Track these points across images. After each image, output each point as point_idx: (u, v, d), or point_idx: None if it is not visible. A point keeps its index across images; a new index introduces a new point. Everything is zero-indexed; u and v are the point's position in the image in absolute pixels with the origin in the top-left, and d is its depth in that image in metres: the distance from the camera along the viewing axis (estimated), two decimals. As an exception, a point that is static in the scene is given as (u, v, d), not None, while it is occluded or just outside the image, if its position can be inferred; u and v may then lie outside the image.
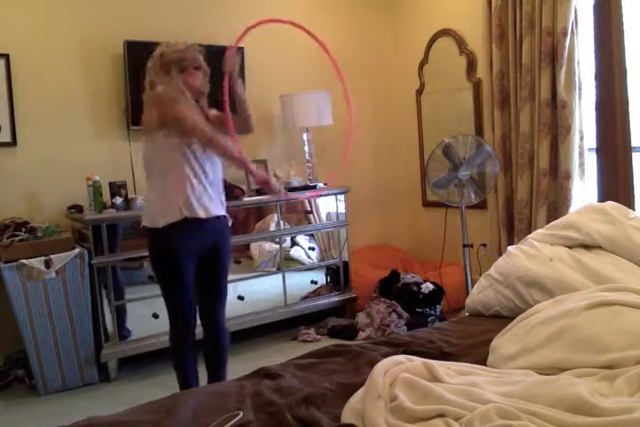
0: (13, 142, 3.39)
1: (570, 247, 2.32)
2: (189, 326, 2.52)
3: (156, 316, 3.29)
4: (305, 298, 3.93)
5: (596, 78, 3.54)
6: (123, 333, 3.28)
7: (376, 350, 1.98)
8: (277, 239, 3.87)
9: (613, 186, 3.55)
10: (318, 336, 3.71)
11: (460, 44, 4.27)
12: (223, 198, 2.54)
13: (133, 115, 3.53)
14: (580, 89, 3.53)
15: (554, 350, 1.63)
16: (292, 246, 4.00)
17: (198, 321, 2.59)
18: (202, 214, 2.39)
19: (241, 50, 2.89)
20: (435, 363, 1.56)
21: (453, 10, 4.30)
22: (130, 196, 3.36)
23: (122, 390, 3.11)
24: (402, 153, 4.84)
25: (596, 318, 1.66)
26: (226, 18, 4.02)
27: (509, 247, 2.49)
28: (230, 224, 2.61)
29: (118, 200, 3.28)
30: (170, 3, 3.84)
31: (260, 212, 3.88)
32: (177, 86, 2.39)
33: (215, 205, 2.46)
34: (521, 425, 1.25)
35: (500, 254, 2.71)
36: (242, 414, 1.48)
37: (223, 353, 2.61)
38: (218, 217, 2.49)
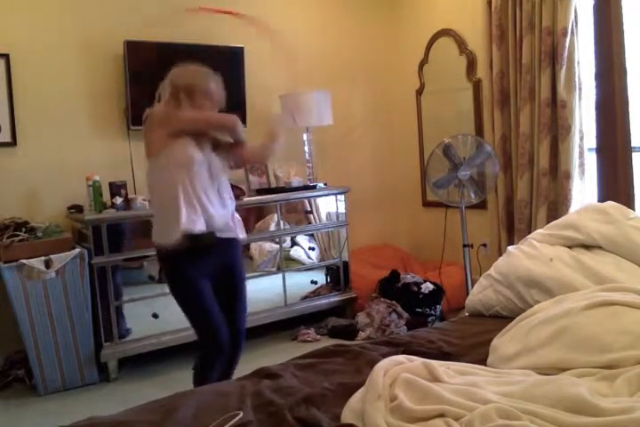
0: (13, 142, 3.39)
1: (570, 247, 2.32)
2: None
3: (155, 316, 3.29)
4: (305, 298, 3.93)
5: (595, 78, 3.53)
6: (121, 332, 3.27)
7: (376, 350, 1.98)
8: (277, 239, 3.87)
9: (613, 186, 3.54)
10: (318, 336, 3.71)
11: (460, 44, 4.27)
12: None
13: (133, 115, 3.53)
14: (580, 89, 3.53)
15: (554, 350, 1.63)
16: (291, 246, 4.00)
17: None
18: None
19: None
20: (435, 363, 1.56)
21: (453, 10, 4.30)
22: (130, 196, 3.36)
23: (122, 390, 3.11)
24: (402, 153, 4.84)
25: (596, 318, 1.66)
26: (225, 17, 4.01)
27: (509, 247, 2.49)
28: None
29: (118, 200, 3.28)
30: (170, 3, 3.83)
31: (260, 212, 3.87)
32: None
33: None
34: (521, 425, 1.25)
35: (500, 254, 2.71)
36: (242, 414, 1.48)
37: (236, 364, 2.60)
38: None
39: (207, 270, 2.41)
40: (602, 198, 3.49)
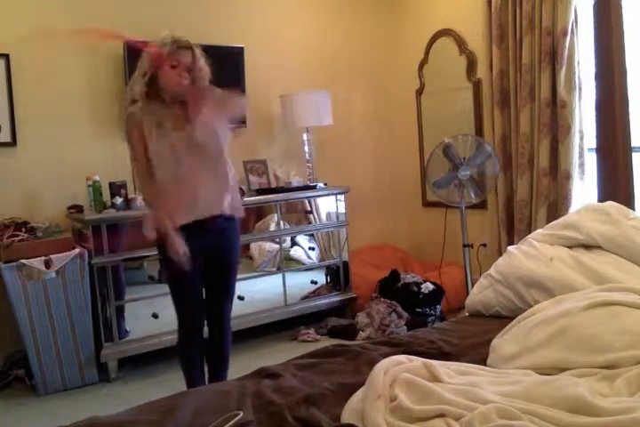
0: (13, 142, 3.39)
1: (570, 247, 2.32)
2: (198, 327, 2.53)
3: (155, 316, 3.29)
4: (305, 298, 3.93)
5: (595, 78, 3.53)
6: (120, 333, 3.27)
7: (376, 350, 1.98)
8: (277, 239, 3.87)
9: (613, 186, 3.54)
10: (318, 336, 3.71)
11: (460, 44, 4.27)
12: None
13: (133, 115, 3.52)
14: (580, 89, 3.53)
15: (554, 350, 1.63)
16: (291, 246, 4.00)
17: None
18: None
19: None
20: (435, 363, 1.56)
21: (453, 10, 4.30)
22: (130, 196, 3.36)
23: (122, 390, 3.11)
24: (402, 153, 4.84)
25: (596, 318, 1.66)
26: (225, 17, 4.02)
27: (509, 247, 2.49)
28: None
29: (118, 200, 3.28)
30: (169, 2, 3.83)
31: (260, 212, 3.87)
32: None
33: None
34: (521, 425, 1.25)
35: (500, 254, 2.71)
36: (242, 414, 1.48)
37: (225, 353, 2.61)
38: None
39: (198, 251, 2.40)
40: (602, 198, 3.49)
